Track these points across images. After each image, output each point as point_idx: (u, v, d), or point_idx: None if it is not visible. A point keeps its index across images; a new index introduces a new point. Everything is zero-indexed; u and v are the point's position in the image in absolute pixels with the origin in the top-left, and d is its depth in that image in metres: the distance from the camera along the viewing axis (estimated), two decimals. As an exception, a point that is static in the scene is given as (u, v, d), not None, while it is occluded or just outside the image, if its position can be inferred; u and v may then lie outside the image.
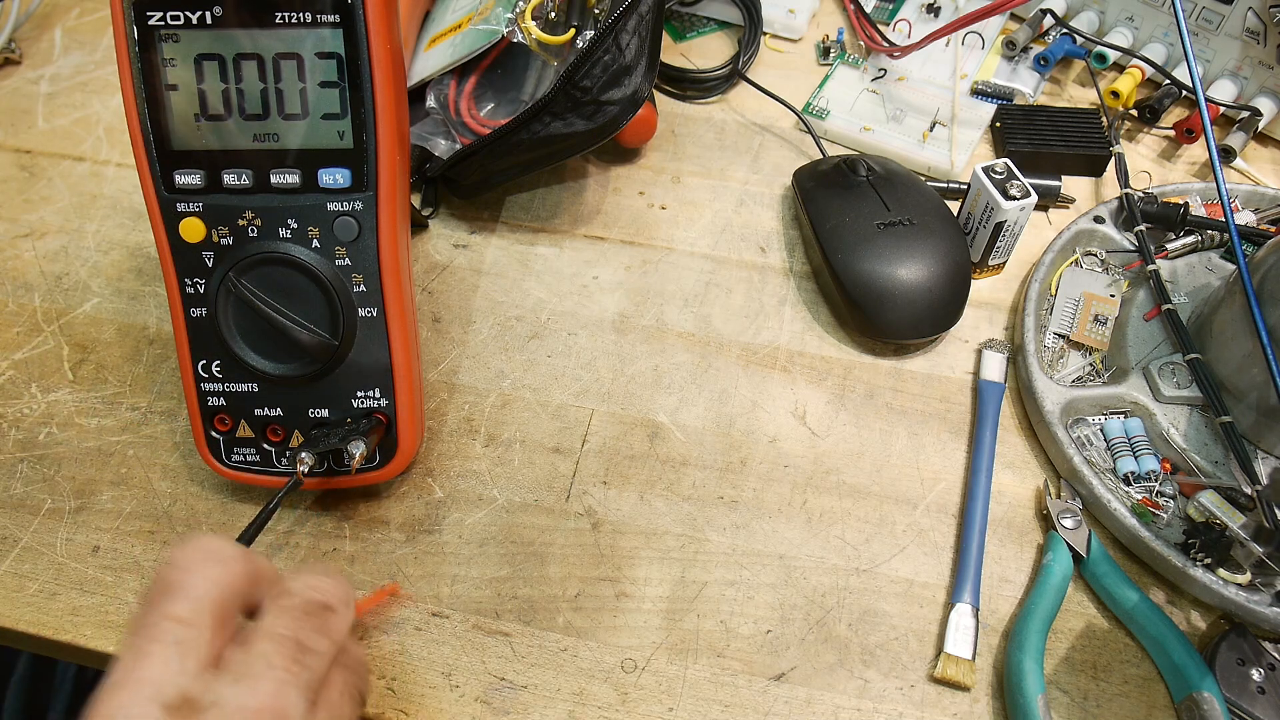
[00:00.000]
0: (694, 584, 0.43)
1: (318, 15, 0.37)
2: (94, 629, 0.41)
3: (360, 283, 0.40)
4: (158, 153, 0.39)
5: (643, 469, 0.46)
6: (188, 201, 0.39)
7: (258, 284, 0.40)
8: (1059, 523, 0.43)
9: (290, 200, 0.39)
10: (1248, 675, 0.39)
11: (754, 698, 0.40)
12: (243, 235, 0.39)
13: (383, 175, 0.39)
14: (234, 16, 0.37)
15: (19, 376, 0.49)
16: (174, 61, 0.38)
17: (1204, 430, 0.45)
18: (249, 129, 0.39)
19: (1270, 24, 0.54)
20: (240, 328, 0.41)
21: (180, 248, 0.40)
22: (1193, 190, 0.55)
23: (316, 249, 0.40)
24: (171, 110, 0.38)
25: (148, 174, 0.39)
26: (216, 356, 0.41)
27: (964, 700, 0.40)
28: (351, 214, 0.39)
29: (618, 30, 0.47)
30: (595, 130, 0.49)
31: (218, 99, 0.38)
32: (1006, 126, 0.58)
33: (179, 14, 0.37)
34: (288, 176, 0.39)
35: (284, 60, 0.38)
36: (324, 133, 0.39)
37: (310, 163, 0.39)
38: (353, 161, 0.39)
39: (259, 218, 0.39)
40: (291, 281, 0.40)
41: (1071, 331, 0.49)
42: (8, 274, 0.53)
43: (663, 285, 0.53)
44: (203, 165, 0.39)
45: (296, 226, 0.39)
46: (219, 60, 0.38)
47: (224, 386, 0.42)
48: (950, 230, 0.50)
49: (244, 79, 0.38)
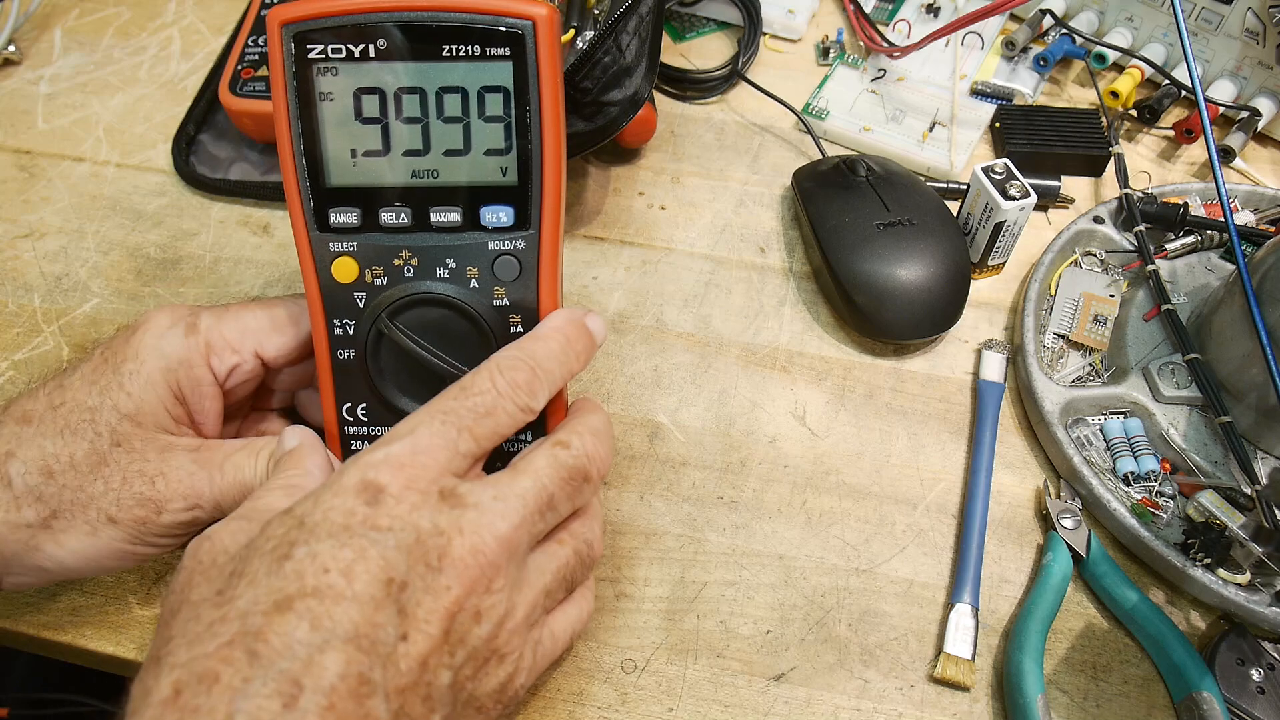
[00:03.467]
0: (694, 584, 0.43)
1: (487, 49, 0.35)
2: (94, 629, 0.41)
3: (518, 324, 0.38)
4: (312, 190, 0.37)
5: (642, 469, 0.46)
6: (341, 241, 0.37)
7: (412, 325, 0.38)
8: (1059, 523, 0.43)
9: (449, 239, 0.37)
10: (1247, 675, 0.39)
11: (754, 698, 0.40)
12: (397, 275, 0.37)
13: (546, 213, 0.37)
14: (397, 50, 0.35)
15: (19, 377, 0.49)
16: (332, 96, 0.36)
17: (1203, 430, 0.45)
18: (408, 165, 0.37)
19: (1269, 24, 0.54)
20: (391, 370, 0.39)
21: (331, 288, 0.38)
22: (1192, 190, 0.55)
23: (474, 289, 0.38)
24: (328, 146, 0.36)
25: (300, 212, 0.37)
26: (363, 400, 0.39)
27: (964, 700, 0.40)
28: (513, 253, 0.37)
29: (618, 31, 0.47)
30: (595, 131, 0.49)
31: (376, 134, 0.36)
32: (1006, 127, 0.58)
33: (340, 47, 0.35)
34: (448, 215, 0.37)
35: (447, 94, 0.36)
36: (487, 169, 0.37)
37: (472, 200, 0.37)
38: (516, 199, 0.37)
39: (416, 257, 0.37)
40: (446, 322, 0.38)
41: (1071, 331, 0.49)
42: (8, 274, 0.53)
43: (662, 285, 0.53)
44: (359, 203, 0.37)
45: (455, 266, 0.37)
46: (379, 94, 0.36)
47: (369, 430, 0.39)
48: (950, 230, 0.50)
49: (404, 113, 0.36)
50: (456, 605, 0.30)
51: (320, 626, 0.27)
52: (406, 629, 0.29)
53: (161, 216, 0.56)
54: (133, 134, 0.60)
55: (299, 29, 0.35)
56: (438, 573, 0.30)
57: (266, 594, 0.28)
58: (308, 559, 0.28)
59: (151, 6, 0.67)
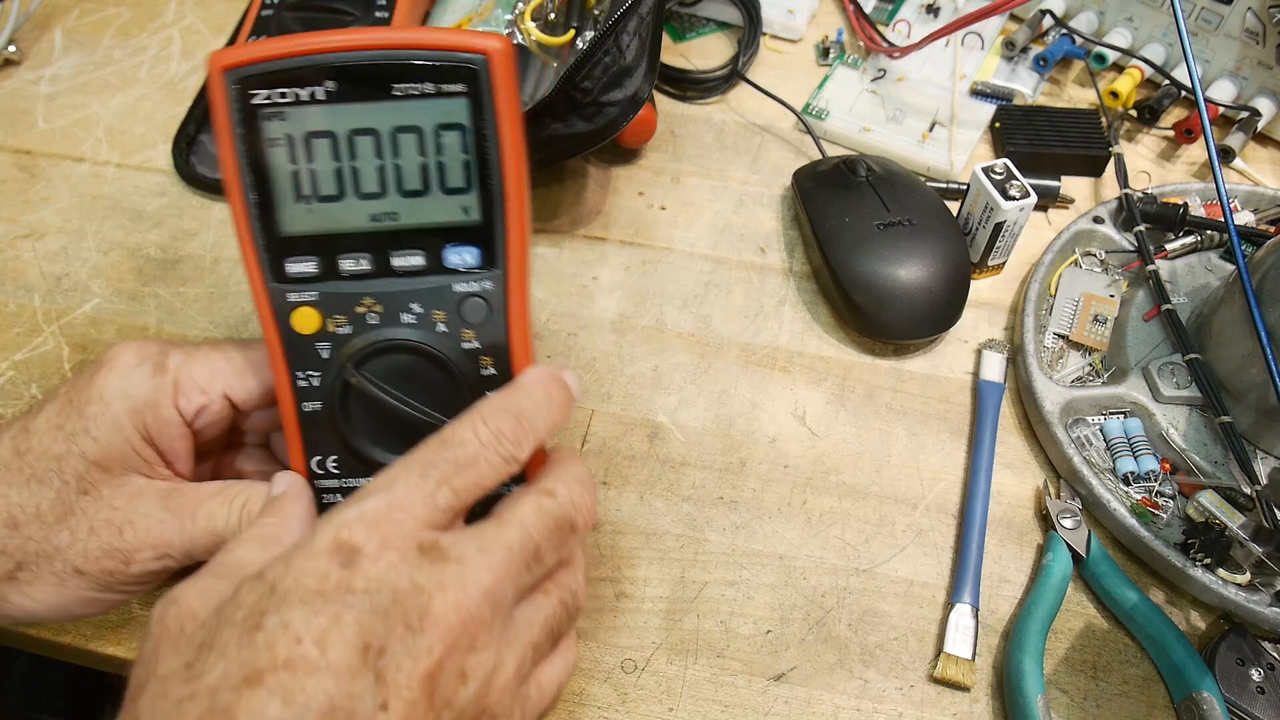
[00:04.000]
0: (694, 584, 0.43)
1: (440, 85, 0.34)
2: (94, 629, 0.41)
3: (489, 365, 0.37)
4: (265, 240, 0.35)
5: (642, 469, 0.46)
6: (300, 290, 0.36)
7: (380, 373, 0.36)
8: (1059, 523, 0.43)
9: (413, 283, 0.36)
10: (1247, 675, 0.39)
11: (754, 698, 0.40)
12: (361, 323, 0.36)
13: (512, 251, 0.36)
14: (347, 91, 0.34)
15: (19, 377, 0.49)
16: (280, 141, 0.34)
17: (1203, 430, 0.45)
18: (365, 209, 0.35)
19: (1269, 24, 0.55)
20: (361, 420, 0.37)
21: (292, 340, 0.36)
22: (1192, 190, 0.55)
23: (443, 333, 0.36)
24: (280, 193, 0.35)
25: (255, 263, 0.35)
26: (333, 452, 0.38)
27: (964, 700, 0.40)
28: (480, 294, 0.36)
29: (618, 31, 0.47)
30: (595, 131, 0.49)
31: (330, 179, 0.35)
32: (1006, 127, 0.58)
33: (286, 91, 0.34)
34: (410, 258, 0.36)
35: (403, 134, 0.34)
36: (449, 209, 0.35)
37: (435, 242, 0.36)
38: (481, 238, 0.36)
39: (379, 303, 0.36)
40: (415, 368, 0.37)
41: (1071, 332, 0.49)
42: (8, 274, 0.53)
43: (662, 285, 0.53)
44: (316, 251, 0.35)
45: (421, 311, 0.36)
46: (330, 138, 0.34)
47: (341, 483, 0.38)
48: (950, 231, 0.50)
49: (359, 156, 0.35)
50: (438, 667, 0.28)
51: (293, 701, 0.26)
52: (385, 697, 0.27)
53: (161, 216, 0.56)
54: (133, 134, 0.60)
55: (242, 74, 0.33)
56: (418, 634, 0.28)
57: (237, 668, 0.26)
58: (279, 628, 0.27)
59: (151, 6, 0.67)
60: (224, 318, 0.51)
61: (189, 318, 0.51)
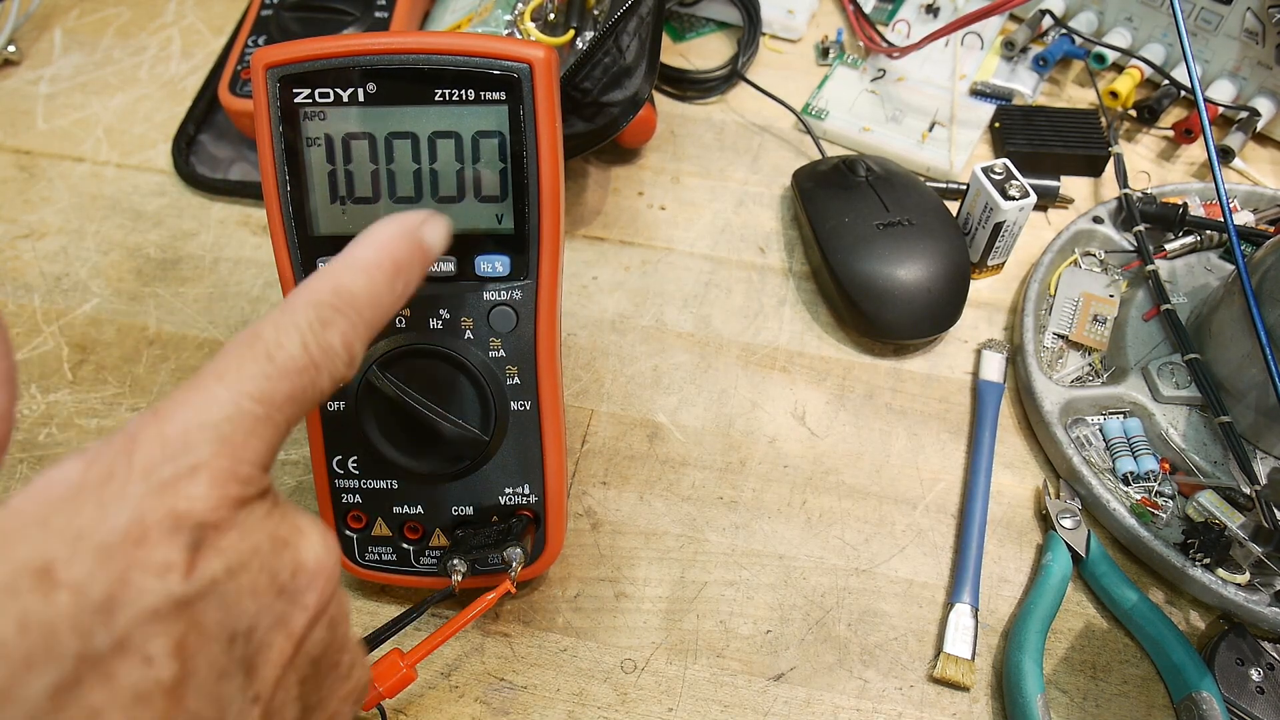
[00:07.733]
0: (693, 584, 0.43)
1: (481, 93, 0.34)
2: None
3: (515, 375, 0.37)
4: (298, 239, 0.35)
5: (642, 469, 0.46)
6: None
7: (404, 378, 0.37)
8: (1058, 523, 0.43)
9: (443, 289, 0.36)
10: (1247, 675, 0.39)
11: (753, 698, 0.40)
12: (389, 326, 0.35)
13: (544, 262, 0.36)
14: (388, 94, 0.34)
15: (19, 377, 0.49)
16: (319, 141, 0.34)
17: (1203, 430, 0.45)
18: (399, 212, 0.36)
19: (1269, 24, 0.55)
20: (382, 423, 0.37)
21: None
22: (1191, 190, 0.55)
23: (469, 340, 0.37)
24: (315, 193, 0.35)
25: (287, 261, 0.36)
26: (354, 452, 0.38)
27: (963, 700, 0.40)
28: (509, 304, 0.36)
29: (618, 32, 0.47)
30: (595, 131, 0.49)
31: (366, 181, 0.35)
32: (1005, 127, 0.58)
33: (328, 91, 0.34)
34: (441, 264, 0.36)
35: (440, 139, 0.35)
36: (482, 216, 0.35)
37: (466, 249, 0.36)
38: (513, 247, 0.36)
39: (408, 308, 0.36)
40: (440, 374, 0.37)
41: (1070, 331, 0.49)
42: (8, 274, 0.53)
43: (662, 285, 0.53)
44: None
45: (449, 317, 0.36)
46: (369, 139, 0.34)
47: (360, 484, 0.39)
48: (949, 230, 0.50)
49: (395, 159, 0.35)
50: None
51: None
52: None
53: (161, 216, 0.56)
54: (133, 134, 0.60)
55: (285, 72, 0.34)
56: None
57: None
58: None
59: (151, 6, 0.67)
60: (223, 318, 0.51)
61: (188, 318, 0.51)
